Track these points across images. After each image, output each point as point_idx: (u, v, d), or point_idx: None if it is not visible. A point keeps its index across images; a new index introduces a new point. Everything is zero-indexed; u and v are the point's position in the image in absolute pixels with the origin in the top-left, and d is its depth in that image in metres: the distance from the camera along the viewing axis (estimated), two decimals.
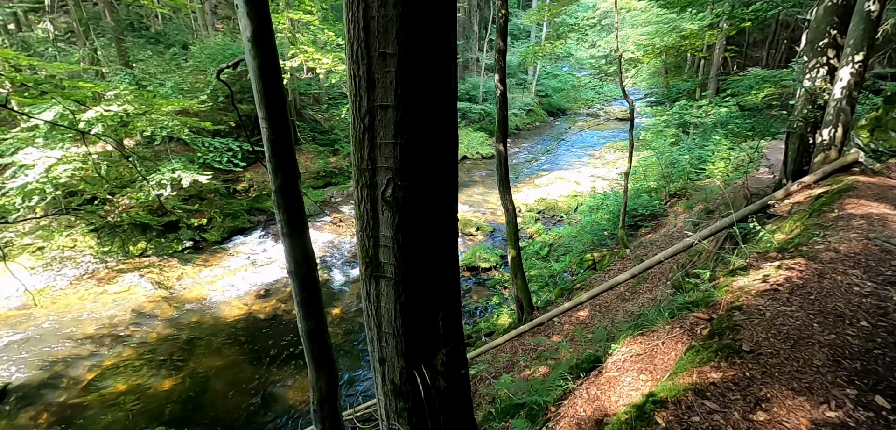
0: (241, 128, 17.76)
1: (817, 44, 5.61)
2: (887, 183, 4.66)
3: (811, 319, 2.66)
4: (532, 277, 11.93)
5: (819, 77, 5.61)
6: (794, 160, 6.00)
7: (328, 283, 12.70)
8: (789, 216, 4.50)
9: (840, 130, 5.26)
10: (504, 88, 7.28)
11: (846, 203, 3.87)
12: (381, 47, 1.51)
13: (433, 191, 1.69)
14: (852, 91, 5.07)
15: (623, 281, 6.16)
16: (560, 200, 17.16)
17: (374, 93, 1.58)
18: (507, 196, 7.85)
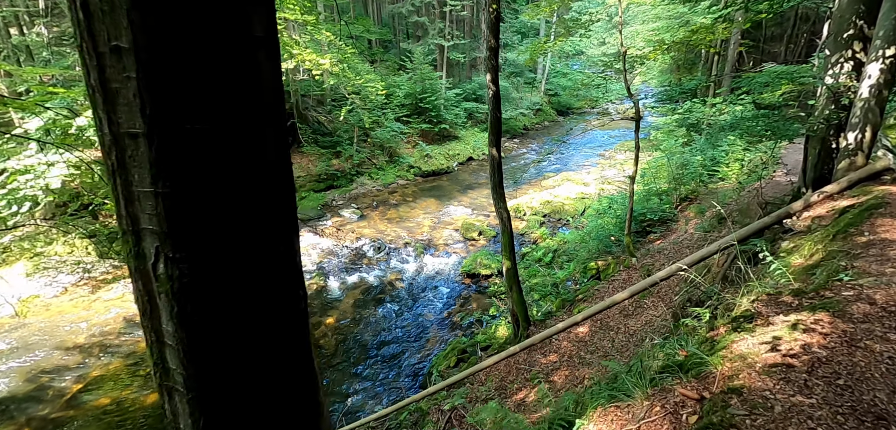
0: None
1: (841, 36, 5.01)
2: None
3: (840, 420, 1.85)
4: (534, 285, 11.43)
5: (843, 73, 5.01)
6: (814, 166, 5.40)
7: (323, 291, 12.37)
8: (809, 234, 3.95)
9: (868, 134, 4.67)
10: (496, 88, 6.81)
11: (879, 224, 3.29)
12: (112, 38, 0.87)
13: (239, 263, 1.04)
14: (882, 90, 4.49)
15: (621, 300, 5.64)
16: (567, 202, 16.58)
17: (116, 112, 0.94)
18: (502, 203, 7.38)
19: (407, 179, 20.47)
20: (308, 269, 13.28)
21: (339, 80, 14.29)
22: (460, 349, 8.62)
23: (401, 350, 9.96)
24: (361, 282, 12.77)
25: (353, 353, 9.97)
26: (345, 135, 20.06)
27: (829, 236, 3.45)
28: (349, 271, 13.26)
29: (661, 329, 5.15)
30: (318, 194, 18.11)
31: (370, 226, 16.17)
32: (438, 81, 23.55)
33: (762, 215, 6.03)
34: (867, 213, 3.55)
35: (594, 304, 8.54)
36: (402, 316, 11.24)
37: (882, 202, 3.70)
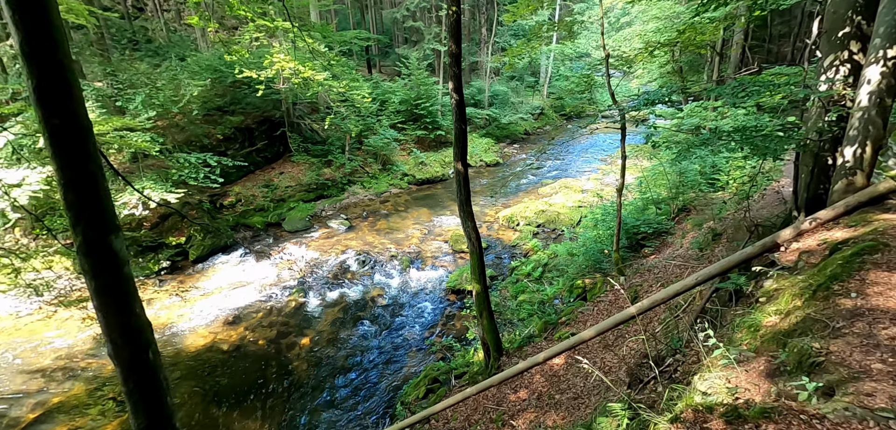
0: (229, 141, 17.22)
1: (836, 34, 4.30)
2: None
3: None
4: (521, 302, 10.79)
5: (838, 78, 4.30)
6: (806, 186, 4.69)
7: (302, 307, 11.86)
8: (794, 274, 3.29)
9: (868, 149, 3.96)
10: (460, 97, 6.22)
11: (871, 281, 2.60)
12: None
13: None
14: (884, 97, 3.78)
15: (589, 338, 4.97)
16: (562, 212, 15.88)
17: None
18: (469, 222, 6.77)
19: (400, 188, 19.94)
20: (288, 284, 12.80)
21: (324, 88, 13.83)
22: (433, 378, 8.01)
23: (374, 376, 9.39)
24: (342, 299, 12.24)
25: (324, 379, 9.42)
26: (337, 143, 19.63)
27: (810, 289, 2.78)
28: (331, 287, 12.75)
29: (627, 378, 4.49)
30: (307, 205, 17.68)
31: (358, 237, 15.67)
32: (435, 86, 23.02)
33: (750, 240, 5.35)
34: (859, 259, 2.87)
35: (576, 327, 7.88)
36: (380, 336, 10.68)
37: (879, 244, 3.01)
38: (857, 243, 3.13)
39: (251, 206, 16.70)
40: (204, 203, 15.41)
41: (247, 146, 17.84)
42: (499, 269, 13.24)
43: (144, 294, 12.50)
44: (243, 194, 16.88)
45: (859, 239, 3.21)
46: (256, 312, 11.76)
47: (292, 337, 10.86)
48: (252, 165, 18.06)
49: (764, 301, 3.24)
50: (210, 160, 13.48)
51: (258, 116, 18.33)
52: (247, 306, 11.99)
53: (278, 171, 18.58)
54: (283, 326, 11.27)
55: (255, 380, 9.55)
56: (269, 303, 12.09)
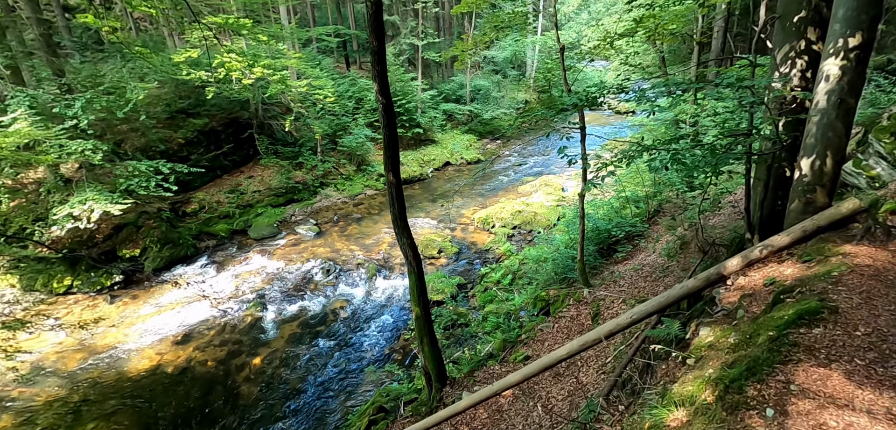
0: (192, 145, 16.45)
1: (790, 19, 3.58)
2: None
3: None
4: (488, 313, 10.13)
5: (795, 73, 3.59)
6: (760, 205, 3.99)
7: (258, 323, 11.18)
8: (729, 326, 2.63)
9: (828, 161, 3.26)
10: (387, 100, 5.50)
11: (799, 381, 1.92)
12: None
13: None
14: (845, 97, 3.09)
15: (534, 373, 4.30)
16: (540, 212, 15.19)
17: None
18: (404, 238, 6.07)
19: (375, 189, 19.21)
20: (246, 298, 12.10)
21: (283, 88, 13.07)
22: (379, 406, 7.34)
23: (326, 400, 8.73)
24: (302, 313, 11.55)
25: (272, 404, 8.76)
26: (309, 144, 18.86)
27: (722, 384, 2.08)
28: (291, 300, 12.06)
29: None
30: (275, 210, 16.95)
31: (326, 244, 14.96)
32: (412, 82, 22.23)
33: (703, 261, 4.69)
34: (795, 333, 2.19)
35: (534, 347, 7.21)
36: (336, 354, 10.01)
37: (826, 305, 2.34)
38: (801, 299, 2.46)
39: (216, 213, 15.96)
40: (163, 212, 14.66)
41: (212, 150, 17.06)
42: (469, 276, 12.56)
43: (93, 312, 11.81)
44: (207, 201, 16.14)
45: (807, 288, 2.54)
46: (209, 329, 11.07)
47: (244, 357, 10.18)
48: (218, 169, 17.30)
49: (688, 368, 2.58)
50: (163, 167, 12.73)
51: (224, 118, 17.55)
52: (200, 322, 11.29)
53: (247, 175, 17.83)
54: (235, 344, 10.59)
55: (199, 407, 8.89)
56: (223, 319, 11.40)
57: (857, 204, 3.09)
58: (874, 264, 2.73)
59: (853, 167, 7.41)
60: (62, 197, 11.60)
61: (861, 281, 2.61)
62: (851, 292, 2.50)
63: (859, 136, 8.63)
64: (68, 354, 10.34)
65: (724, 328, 2.75)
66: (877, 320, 2.39)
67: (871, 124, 7.89)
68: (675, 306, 3.77)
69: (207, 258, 14.30)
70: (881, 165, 6.94)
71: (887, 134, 6.86)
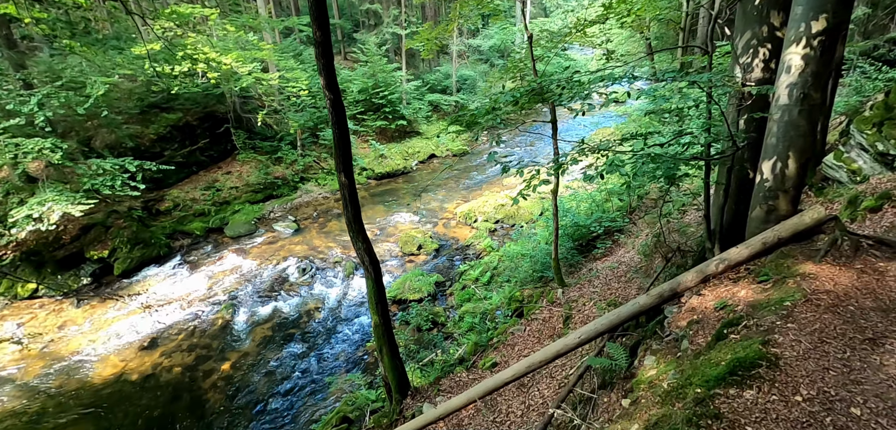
0: (165, 141, 15.92)
1: (751, 2, 3.22)
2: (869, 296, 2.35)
3: None
4: (464, 313, 9.83)
5: (757, 63, 3.23)
6: (719, 210, 3.66)
7: (229, 325, 10.81)
8: (672, 361, 2.32)
9: (791, 163, 2.91)
10: (335, 95, 5.10)
11: None
12: None
13: None
14: (809, 89, 2.71)
15: (490, 390, 3.98)
16: (523, 206, 14.84)
17: None
18: (361, 242, 5.71)
19: (358, 184, 18.74)
20: (218, 299, 11.72)
21: (253, 81, 12.58)
22: (343, 416, 7.03)
23: (292, 408, 8.41)
24: (274, 314, 11.20)
25: (237, 414, 8.43)
26: (288, 138, 18.37)
27: None
28: (264, 301, 11.69)
29: None
30: (254, 206, 16.51)
31: (304, 241, 14.57)
32: (395, 72, 21.71)
33: (665, 269, 4.37)
34: (724, 390, 1.85)
35: (505, 351, 6.90)
36: (308, 357, 9.68)
37: (766, 354, 2.00)
38: (745, 337, 2.13)
39: (190, 210, 15.50)
40: (134, 211, 14.19)
41: (187, 145, 16.54)
42: (449, 273, 12.24)
43: (58, 317, 11.39)
44: (182, 198, 15.66)
45: (755, 322, 2.22)
46: (178, 333, 10.70)
47: (212, 362, 9.83)
48: (194, 165, 16.79)
49: (623, 411, 2.25)
50: (129, 165, 12.25)
51: (199, 113, 17.00)
52: (169, 326, 10.91)
53: (224, 171, 17.34)
54: (204, 349, 10.23)
55: (162, 417, 8.56)
56: (193, 322, 11.02)
57: (823, 214, 2.77)
58: (834, 291, 2.41)
59: (834, 160, 7.10)
60: (21, 198, 11.12)
61: (815, 316, 2.28)
62: (802, 332, 2.17)
63: (842, 126, 8.33)
64: (29, 362, 9.94)
65: (668, 360, 2.44)
66: (824, 376, 2.02)
67: (855, 114, 7.58)
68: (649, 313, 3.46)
69: (181, 258, 13.88)
70: (863, 158, 6.64)
71: (869, 125, 6.54)
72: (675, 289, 2.95)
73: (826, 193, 6.77)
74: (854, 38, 12.08)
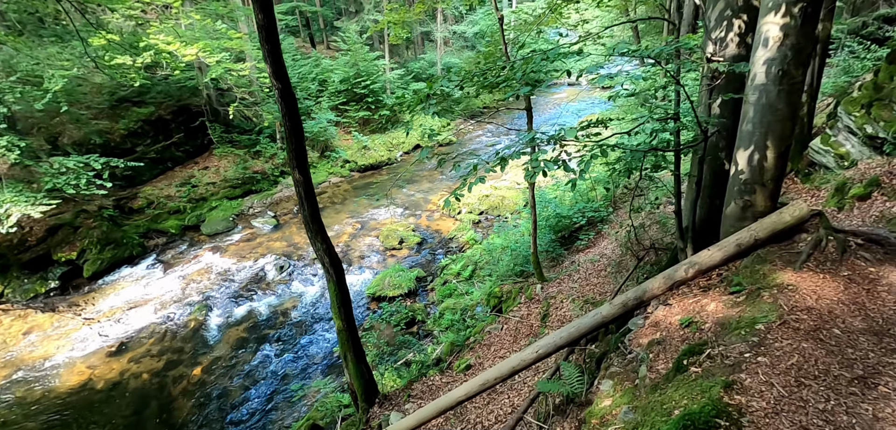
0: (136, 136, 15.34)
1: None
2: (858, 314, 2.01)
3: None
4: (445, 309, 9.53)
5: (732, 38, 2.87)
6: (692, 205, 3.33)
7: (202, 328, 10.42)
8: (627, 391, 2.01)
9: (770, 152, 2.55)
10: (283, 84, 4.70)
11: None
12: None
13: None
14: (789, 66, 2.34)
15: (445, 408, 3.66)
16: (508, 195, 14.54)
17: None
18: (320, 243, 5.33)
19: (341, 176, 18.34)
20: (192, 300, 11.31)
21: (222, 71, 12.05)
22: (313, 424, 6.70)
23: (264, 414, 8.08)
24: (250, 315, 10.81)
25: (206, 421, 8.08)
26: (267, 131, 17.83)
27: None
28: (240, 301, 11.30)
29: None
30: (232, 202, 16.02)
31: (283, 238, 14.15)
32: (378, 61, 21.15)
33: (636, 269, 4.06)
34: None
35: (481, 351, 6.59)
36: (282, 359, 9.34)
37: (726, 406, 1.65)
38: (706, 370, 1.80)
39: (165, 208, 14.99)
40: (105, 210, 13.66)
41: (160, 140, 15.96)
42: (430, 268, 11.90)
43: (24, 322, 10.92)
44: (156, 195, 15.14)
45: (720, 351, 1.89)
46: (148, 337, 10.29)
47: (183, 367, 9.46)
48: (169, 160, 16.24)
49: None
50: (94, 163, 11.70)
51: (173, 106, 16.41)
52: (139, 330, 10.50)
53: (201, 166, 16.79)
54: (176, 353, 9.85)
55: (128, 426, 8.19)
56: (165, 325, 10.61)
57: (805, 211, 2.44)
58: (816, 308, 2.08)
59: (821, 145, 6.81)
60: None
61: (792, 346, 1.93)
62: (774, 370, 1.81)
63: (830, 108, 8.05)
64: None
65: (624, 388, 2.12)
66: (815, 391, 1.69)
67: (842, 95, 7.28)
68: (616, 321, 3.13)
69: (155, 258, 13.41)
70: (851, 142, 6.35)
71: (858, 106, 6.24)
72: (640, 298, 2.64)
73: (813, 179, 6.50)
74: (842, 16, 11.79)
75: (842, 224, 4.54)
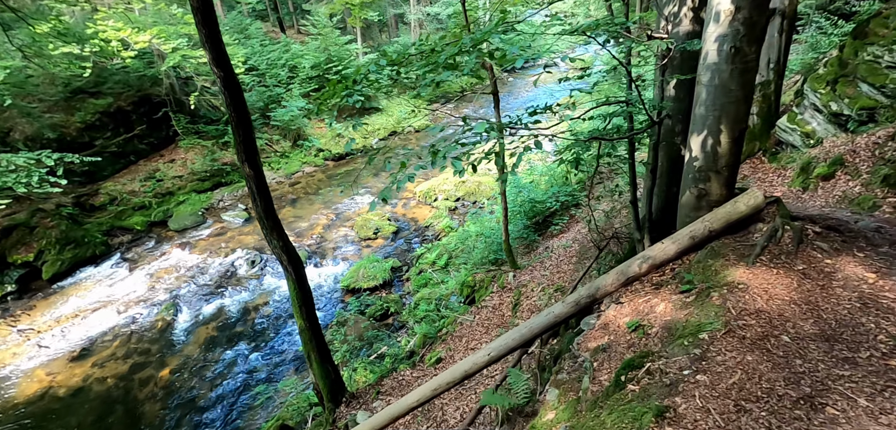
0: (94, 129, 14.61)
1: None
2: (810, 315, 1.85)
3: None
4: (420, 299, 9.37)
5: (685, 13, 2.69)
6: (648, 193, 3.22)
7: (170, 328, 10.07)
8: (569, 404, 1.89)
9: (724, 137, 2.40)
10: (225, 72, 4.39)
11: None
12: None
13: None
14: (742, 42, 2.17)
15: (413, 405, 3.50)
16: (485, 181, 14.37)
17: None
18: (276, 240, 5.09)
19: (314, 165, 17.89)
20: (159, 300, 10.90)
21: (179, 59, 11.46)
22: (281, 424, 6.50)
23: (234, 415, 7.85)
24: (220, 312, 10.49)
25: (171, 425, 7.81)
26: None
27: None
28: (209, 298, 10.94)
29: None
30: (201, 196, 15.47)
31: (255, 231, 13.73)
32: (349, 45, 20.56)
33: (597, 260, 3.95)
34: None
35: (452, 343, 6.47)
36: (253, 358, 9.09)
37: None
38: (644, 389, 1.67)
39: (129, 204, 14.37)
40: (64, 208, 13.01)
41: (121, 133, 15.24)
42: (406, 257, 11.72)
43: None
44: (119, 191, 14.49)
45: (661, 365, 1.77)
46: (113, 339, 9.90)
47: (150, 370, 9.13)
48: (132, 154, 15.55)
49: None
50: (46, 159, 11.04)
51: (133, 97, 15.65)
52: (103, 333, 10.08)
53: (167, 159, 16.14)
54: (142, 355, 9.50)
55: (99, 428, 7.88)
56: (131, 327, 10.22)
57: (760, 199, 2.33)
58: (766, 310, 1.96)
59: (788, 123, 6.81)
60: None
61: (736, 359, 1.79)
62: (713, 391, 1.66)
63: (798, 85, 8.06)
64: None
65: (568, 401, 2.00)
66: None
67: (809, 72, 7.28)
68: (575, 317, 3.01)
69: (120, 257, 12.88)
70: (816, 120, 6.35)
71: (823, 83, 6.23)
72: (593, 295, 2.51)
73: (780, 158, 6.50)
74: None
75: (806, 206, 4.52)
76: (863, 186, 4.23)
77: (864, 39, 5.88)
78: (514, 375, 2.70)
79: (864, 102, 5.49)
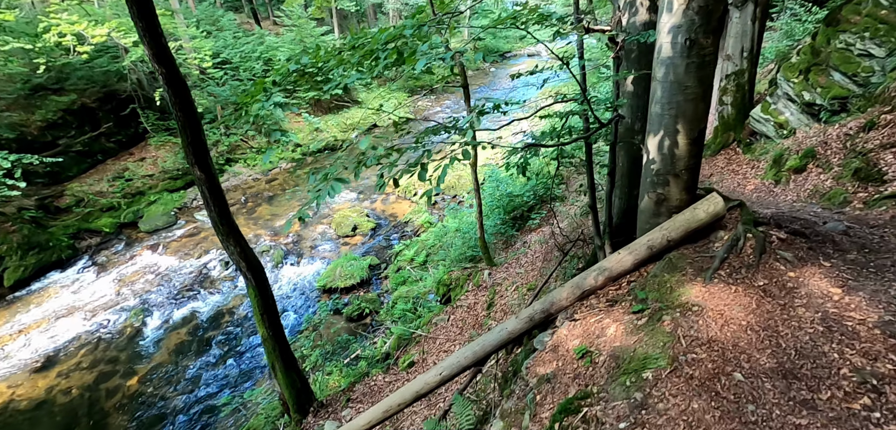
0: (57, 128, 13.99)
1: None
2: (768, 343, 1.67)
3: None
4: (398, 298, 9.18)
5: (641, 3, 2.51)
6: (608, 197, 3.09)
7: (139, 334, 9.72)
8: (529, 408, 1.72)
9: (682, 137, 2.23)
10: (167, 68, 4.11)
11: None
12: None
13: None
14: (697, 33, 1.97)
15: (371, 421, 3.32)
16: (465, 174, 14.14)
17: None
18: (233, 245, 4.83)
19: (292, 161, 17.47)
20: (128, 305, 10.52)
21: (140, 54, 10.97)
22: None
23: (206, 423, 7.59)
24: (191, 317, 10.16)
25: None
26: (209, 116, 16.66)
27: None
28: (181, 302, 10.60)
29: None
30: (173, 195, 14.99)
31: None
32: (326, 37, 20.07)
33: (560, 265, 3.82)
34: None
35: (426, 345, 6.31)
36: (226, 364, 8.82)
37: None
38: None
39: (97, 205, 13.84)
40: (26, 211, 12.45)
41: (87, 131, 14.64)
42: (385, 254, 11.50)
43: None
44: (86, 192, 13.94)
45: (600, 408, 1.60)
46: (79, 348, 9.52)
47: (118, 379, 8.80)
48: (99, 153, 14.97)
49: None
50: (3, 161, 10.52)
51: (97, 93, 15.04)
52: (68, 341, 9.69)
53: (136, 158, 15.59)
54: (109, 364, 9.14)
55: None
56: (98, 334, 9.84)
57: (720, 206, 2.19)
58: (720, 339, 1.80)
59: (762, 113, 6.75)
60: None
61: (681, 405, 1.58)
62: None
63: (772, 74, 8.02)
64: None
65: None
66: None
67: (783, 61, 7.23)
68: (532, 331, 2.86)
69: (88, 260, 12.41)
70: (790, 110, 6.29)
71: (796, 72, 6.16)
72: (547, 310, 2.36)
73: (754, 149, 6.44)
74: None
75: (777, 200, 4.44)
76: (834, 179, 4.16)
77: (836, 26, 5.81)
78: (460, 403, 2.54)
79: (836, 91, 5.43)
